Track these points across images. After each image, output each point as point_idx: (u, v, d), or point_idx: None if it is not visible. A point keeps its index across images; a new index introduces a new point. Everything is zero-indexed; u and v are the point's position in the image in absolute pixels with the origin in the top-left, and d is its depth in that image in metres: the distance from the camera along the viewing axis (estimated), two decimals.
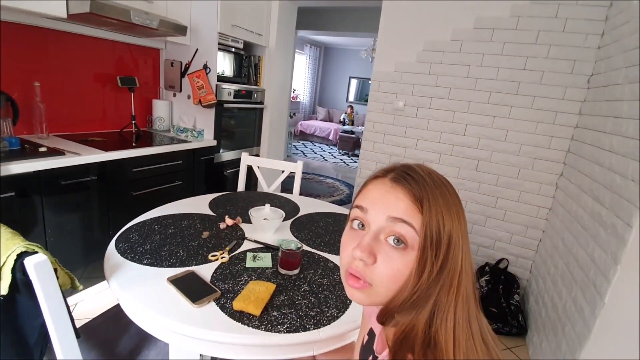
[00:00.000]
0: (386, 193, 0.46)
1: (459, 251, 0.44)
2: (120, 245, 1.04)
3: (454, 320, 0.42)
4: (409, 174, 0.46)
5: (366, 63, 7.75)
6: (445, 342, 0.41)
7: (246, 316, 0.80)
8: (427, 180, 0.45)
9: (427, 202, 0.43)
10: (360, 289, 0.46)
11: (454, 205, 0.45)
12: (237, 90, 2.56)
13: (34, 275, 0.66)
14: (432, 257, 0.43)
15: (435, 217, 0.43)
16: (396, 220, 0.44)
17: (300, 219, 1.42)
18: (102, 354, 1.00)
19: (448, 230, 0.43)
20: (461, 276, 0.44)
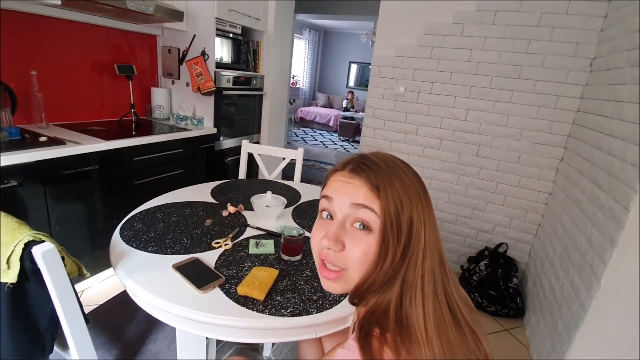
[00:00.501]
0: (346, 183, 0.49)
1: (422, 230, 0.47)
2: (125, 234, 1.06)
3: (422, 295, 0.45)
4: (365, 163, 0.49)
5: (366, 47, 7.64)
6: (416, 317, 0.44)
7: (250, 301, 0.82)
8: (382, 167, 0.48)
9: (383, 187, 0.47)
10: (334, 279, 0.51)
11: (412, 187, 0.48)
12: (235, 76, 2.54)
13: (42, 263, 0.68)
14: (393, 238, 0.46)
15: (392, 200, 0.46)
16: (358, 206, 0.48)
17: (302, 205, 1.43)
18: (111, 338, 1.03)
19: (408, 211, 0.46)
20: (425, 252, 0.47)
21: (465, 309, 0.49)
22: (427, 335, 0.43)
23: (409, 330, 0.44)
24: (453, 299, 0.48)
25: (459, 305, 0.48)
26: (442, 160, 2.37)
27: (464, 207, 2.38)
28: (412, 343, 0.42)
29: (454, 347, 0.44)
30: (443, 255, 0.50)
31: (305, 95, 9.01)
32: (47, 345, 0.78)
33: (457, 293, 0.49)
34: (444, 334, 0.44)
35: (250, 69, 2.80)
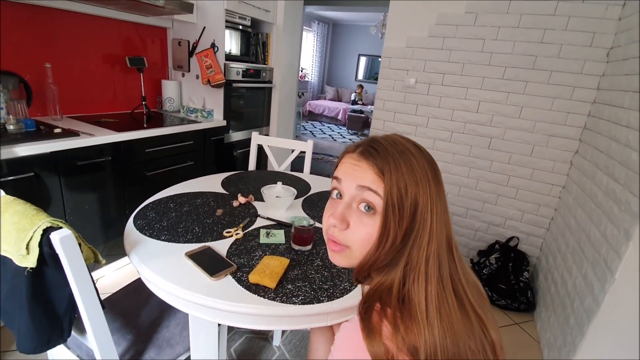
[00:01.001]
0: (355, 165, 0.51)
1: (428, 213, 0.47)
2: (139, 222, 1.07)
3: (425, 276, 0.46)
4: (373, 147, 0.51)
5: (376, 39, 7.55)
6: (418, 297, 0.45)
7: (262, 289, 0.82)
8: (390, 150, 0.49)
9: (388, 171, 0.48)
10: (338, 251, 0.53)
11: (420, 170, 0.48)
12: (245, 69, 2.54)
13: (60, 248, 0.70)
14: (394, 220, 0.47)
15: (396, 183, 0.47)
16: (364, 188, 0.49)
17: (312, 196, 1.44)
18: (126, 324, 1.06)
19: (412, 195, 0.47)
20: (431, 236, 0.47)
21: (475, 295, 0.49)
22: (427, 316, 0.44)
23: (409, 308, 0.45)
24: (460, 284, 0.48)
25: (467, 290, 0.48)
26: (453, 153, 2.35)
27: (475, 201, 2.36)
28: (412, 321, 0.44)
29: (456, 331, 0.44)
30: (452, 241, 0.50)
31: (314, 89, 8.98)
32: (65, 328, 0.80)
33: (465, 279, 0.50)
34: (445, 316, 0.44)
35: (259, 61, 2.80)
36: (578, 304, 1.46)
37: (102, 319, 0.81)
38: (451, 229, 0.51)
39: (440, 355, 0.42)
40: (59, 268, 0.73)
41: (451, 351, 0.43)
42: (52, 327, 0.77)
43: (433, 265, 0.47)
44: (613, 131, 1.55)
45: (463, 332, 0.45)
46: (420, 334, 0.43)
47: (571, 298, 1.55)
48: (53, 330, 0.78)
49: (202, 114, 2.40)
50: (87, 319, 0.77)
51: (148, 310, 1.13)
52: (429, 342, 0.42)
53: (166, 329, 1.07)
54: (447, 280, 0.47)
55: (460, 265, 0.50)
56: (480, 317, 0.47)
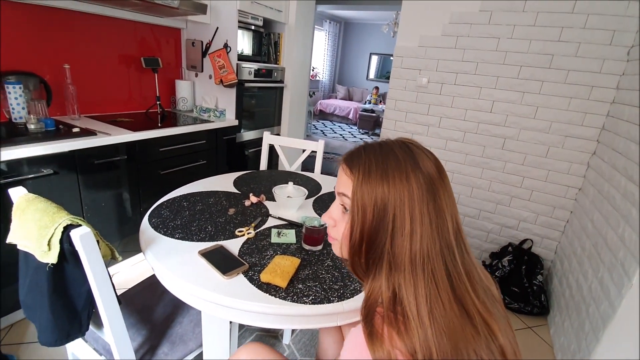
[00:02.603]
0: (340, 171, 0.57)
1: (405, 216, 0.48)
2: (153, 221, 1.10)
3: (412, 277, 0.47)
4: (354, 152, 0.56)
5: (387, 38, 7.50)
6: (408, 298, 0.46)
7: (273, 288, 0.83)
8: (364, 154, 0.53)
9: (356, 174, 0.52)
10: (332, 242, 0.62)
11: (397, 173, 0.49)
12: (257, 69, 2.56)
13: (79, 245, 0.72)
14: (358, 219, 0.51)
15: (361, 186, 0.50)
16: (339, 194, 0.57)
17: (322, 196, 1.44)
18: (140, 319, 1.08)
19: (380, 197, 0.49)
20: (413, 236, 0.48)
21: (485, 298, 0.49)
22: (419, 316, 0.44)
23: (405, 310, 0.46)
24: (462, 285, 0.48)
25: (472, 293, 0.48)
26: (466, 153, 2.32)
27: (488, 202, 2.33)
28: (409, 322, 0.45)
29: (453, 331, 0.44)
30: (450, 239, 0.49)
31: (325, 88, 8.98)
32: (84, 323, 0.83)
33: (470, 281, 0.49)
34: (439, 317, 0.45)
35: (271, 61, 2.81)
36: (594, 309, 1.43)
37: (119, 314, 0.83)
38: (450, 228, 0.50)
39: (436, 355, 0.42)
40: (78, 264, 0.76)
41: (449, 352, 0.43)
42: (72, 321, 0.80)
43: (420, 265, 0.47)
44: (633, 132, 1.51)
45: (462, 334, 0.45)
46: (414, 335, 0.43)
47: (586, 303, 1.52)
48: (72, 324, 0.80)
49: (215, 114, 2.43)
50: (104, 314, 0.80)
51: (162, 306, 1.16)
52: (423, 341, 0.43)
53: (179, 325, 1.09)
54: (443, 280, 0.47)
55: (466, 267, 0.50)
56: (487, 322, 0.47)
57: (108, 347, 0.98)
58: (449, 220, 0.50)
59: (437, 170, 0.51)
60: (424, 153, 0.53)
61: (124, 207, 1.89)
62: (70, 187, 1.61)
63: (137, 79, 2.37)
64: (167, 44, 2.52)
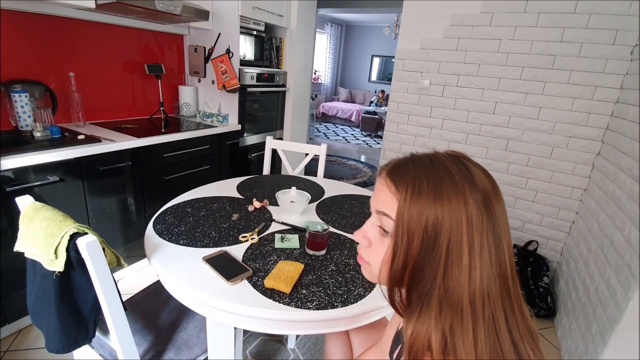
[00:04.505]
0: (380, 185, 0.49)
1: (462, 243, 0.41)
2: (158, 227, 1.11)
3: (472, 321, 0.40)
4: (399, 166, 0.48)
5: (389, 40, 7.53)
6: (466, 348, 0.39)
7: (277, 293, 0.84)
8: (414, 170, 0.45)
9: (403, 192, 0.44)
10: (363, 265, 0.54)
11: (454, 194, 0.42)
12: (259, 73, 2.58)
13: (85, 253, 0.73)
14: (403, 244, 0.43)
15: (409, 206, 0.43)
16: (379, 212, 0.48)
17: (326, 201, 1.45)
18: (146, 325, 1.09)
19: (432, 220, 0.42)
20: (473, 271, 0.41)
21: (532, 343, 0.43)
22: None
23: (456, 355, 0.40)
24: (516, 333, 0.42)
25: (525, 340, 0.42)
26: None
27: None
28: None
29: None
30: (507, 275, 0.42)
31: (327, 91, 9.00)
32: (90, 329, 0.84)
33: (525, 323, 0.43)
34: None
35: (273, 65, 2.83)
36: (600, 311, 1.42)
37: (125, 320, 0.84)
38: (507, 261, 0.43)
39: None
40: (85, 272, 0.77)
41: None
42: (79, 328, 0.81)
43: (480, 308, 0.40)
44: (637, 132, 1.50)
45: None
46: None
47: (593, 305, 1.51)
48: (79, 331, 0.81)
49: (218, 119, 2.44)
50: (110, 320, 0.81)
51: (167, 312, 1.16)
52: None
53: (184, 331, 1.10)
54: (503, 327, 0.40)
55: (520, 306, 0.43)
56: None
57: (114, 353, 0.99)
58: (506, 250, 0.43)
59: (493, 190, 0.44)
60: (479, 169, 0.46)
61: (128, 212, 1.91)
62: (75, 193, 1.63)
63: (141, 86, 2.39)
64: (170, 50, 2.54)
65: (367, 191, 1.61)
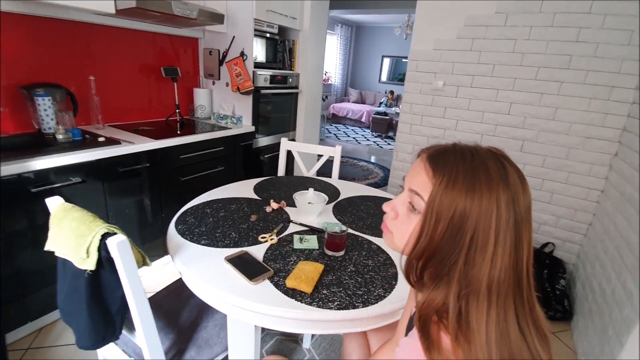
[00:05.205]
0: (415, 168, 0.53)
1: (489, 236, 0.44)
2: (179, 227, 1.13)
3: (487, 302, 0.44)
4: (441, 153, 0.51)
5: (399, 41, 7.50)
6: (477, 322, 0.44)
7: (298, 293, 0.85)
8: (454, 160, 0.48)
9: (439, 178, 0.48)
10: (385, 233, 0.60)
11: (487, 191, 0.45)
12: (272, 75, 2.60)
13: (116, 252, 0.75)
14: (429, 225, 0.48)
15: (442, 193, 0.47)
16: (412, 191, 0.52)
17: (342, 202, 1.46)
18: (168, 323, 1.12)
19: (460, 211, 0.45)
20: (494, 262, 0.44)
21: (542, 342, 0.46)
22: (487, 344, 0.43)
23: (468, 328, 0.44)
24: (525, 324, 0.46)
25: (534, 335, 0.46)
26: None
27: None
28: (472, 336, 0.43)
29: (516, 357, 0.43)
30: (522, 278, 0.46)
31: (337, 91, 9.01)
32: (117, 327, 0.86)
33: (533, 320, 0.47)
34: (504, 350, 0.43)
35: (286, 67, 2.85)
36: (617, 314, 1.40)
37: (151, 318, 0.86)
38: (525, 262, 0.46)
39: None
40: (113, 271, 0.79)
41: None
42: (107, 326, 0.84)
43: (495, 293, 0.45)
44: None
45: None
46: (478, 352, 0.42)
47: (610, 307, 1.49)
48: (107, 328, 0.84)
49: (232, 120, 2.47)
50: (137, 318, 0.83)
51: (188, 310, 1.19)
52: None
53: (204, 330, 1.12)
54: (512, 318, 0.45)
55: (530, 305, 0.47)
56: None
57: (138, 350, 1.02)
58: (525, 249, 0.46)
59: (523, 192, 0.47)
60: (515, 170, 0.48)
61: (145, 213, 1.95)
62: (96, 194, 1.67)
63: (157, 88, 2.44)
64: (185, 54, 2.58)
65: (382, 192, 1.62)
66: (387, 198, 1.54)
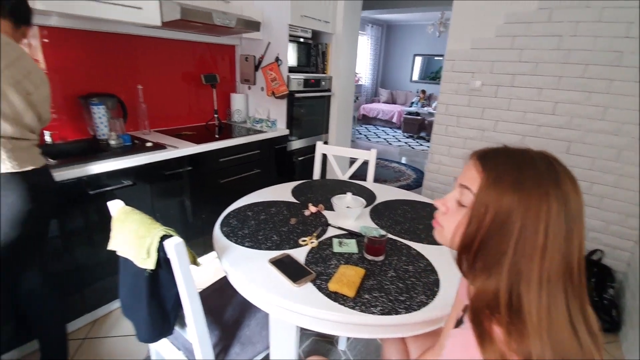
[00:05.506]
0: (466, 166, 0.57)
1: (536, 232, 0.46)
2: (224, 229, 1.19)
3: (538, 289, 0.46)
4: (491, 152, 0.54)
5: (432, 39, 7.33)
6: (529, 307, 0.46)
7: (341, 297, 0.87)
8: (502, 158, 0.52)
9: (487, 174, 0.51)
10: (435, 227, 0.63)
11: (533, 188, 0.47)
12: (306, 79, 2.64)
13: (173, 253, 0.81)
14: (476, 218, 0.51)
15: (492, 189, 0.50)
16: (461, 186, 0.56)
17: (378, 206, 1.46)
18: (213, 321, 1.17)
19: (506, 206, 0.48)
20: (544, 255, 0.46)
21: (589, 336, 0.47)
22: (540, 332, 0.44)
23: (520, 316, 0.46)
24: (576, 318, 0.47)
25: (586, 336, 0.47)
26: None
27: None
28: (524, 328, 0.45)
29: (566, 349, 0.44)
30: (573, 272, 0.48)
31: (368, 92, 8.95)
32: (172, 323, 0.93)
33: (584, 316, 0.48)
34: (556, 339, 0.44)
35: (319, 70, 2.89)
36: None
37: (202, 316, 0.92)
38: (576, 257, 0.48)
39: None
40: (169, 270, 0.85)
41: None
42: (163, 321, 0.90)
43: (546, 286, 0.46)
44: None
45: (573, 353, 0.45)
46: (531, 343, 0.44)
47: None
48: (164, 323, 0.90)
49: (267, 124, 2.54)
50: (190, 315, 0.89)
51: (230, 309, 1.24)
52: (539, 353, 0.43)
53: (247, 328, 1.17)
54: (562, 305, 0.46)
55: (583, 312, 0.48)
56: None
57: (187, 345, 1.08)
58: (576, 245, 0.48)
59: (574, 190, 0.49)
60: (565, 171, 0.50)
61: (187, 213, 2.04)
62: (144, 196, 1.78)
63: (197, 94, 2.55)
64: (223, 60, 2.68)
65: (419, 196, 1.61)
66: (425, 202, 1.53)
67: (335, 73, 2.92)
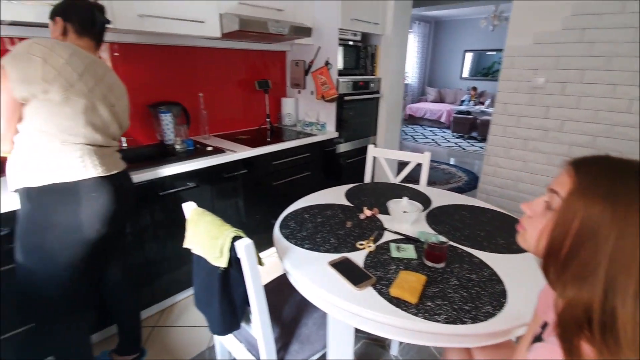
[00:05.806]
0: (562, 171, 0.55)
1: (633, 248, 0.43)
2: (283, 231, 1.24)
3: (636, 302, 0.43)
4: (589, 159, 0.53)
5: (484, 33, 6.97)
6: (624, 320, 0.43)
7: (403, 303, 0.87)
8: (599, 168, 0.50)
9: (581, 180, 0.50)
10: (518, 230, 0.62)
11: (627, 204, 0.44)
12: (355, 81, 2.65)
13: (243, 253, 0.87)
14: (561, 224, 0.49)
15: (582, 196, 0.48)
16: (551, 190, 0.54)
17: (434, 211, 1.44)
18: (273, 318, 1.22)
19: (596, 217, 0.46)
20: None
21: None
22: (634, 343, 0.43)
23: (613, 333, 0.44)
24: None
25: None
26: None
27: None
28: (617, 345, 0.43)
29: None
30: None
31: (414, 91, 8.73)
32: (239, 319, 0.99)
33: None
34: None
35: (368, 72, 2.88)
36: None
37: (267, 313, 0.97)
38: None
39: None
40: (239, 269, 0.91)
41: None
42: (233, 316, 0.97)
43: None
44: None
45: None
46: None
47: None
48: (233, 319, 0.97)
49: (317, 127, 2.59)
50: (256, 312, 0.94)
51: (288, 308, 1.29)
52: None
53: (305, 327, 1.21)
54: None
55: None
56: None
57: (250, 340, 1.14)
58: None
59: None
60: None
61: (242, 213, 2.15)
62: (205, 198, 1.91)
63: (250, 100, 2.67)
64: (274, 66, 2.78)
65: (478, 201, 1.55)
66: (484, 208, 1.47)
67: (384, 74, 2.90)
